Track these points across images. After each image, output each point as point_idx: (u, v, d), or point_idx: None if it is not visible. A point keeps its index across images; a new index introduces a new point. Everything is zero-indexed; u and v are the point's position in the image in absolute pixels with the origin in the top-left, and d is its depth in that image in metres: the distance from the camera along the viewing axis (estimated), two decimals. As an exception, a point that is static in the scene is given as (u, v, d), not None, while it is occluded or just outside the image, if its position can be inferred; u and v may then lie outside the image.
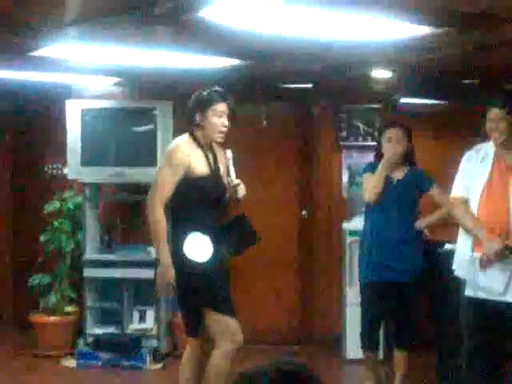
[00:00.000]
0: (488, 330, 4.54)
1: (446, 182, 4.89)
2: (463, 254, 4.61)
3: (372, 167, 5.50)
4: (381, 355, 6.28)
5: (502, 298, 4.44)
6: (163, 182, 4.57)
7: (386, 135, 5.42)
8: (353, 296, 6.48)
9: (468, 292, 4.57)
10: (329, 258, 7.35)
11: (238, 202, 4.79)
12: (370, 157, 5.97)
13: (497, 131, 4.53)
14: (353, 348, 6.45)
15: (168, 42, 4.59)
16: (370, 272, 5.39)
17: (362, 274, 5.51)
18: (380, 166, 5.35)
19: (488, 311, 4.50)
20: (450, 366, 5.78)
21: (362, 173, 5.61)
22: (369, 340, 5.50)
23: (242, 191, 4.73)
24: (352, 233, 6.31)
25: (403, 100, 7.33)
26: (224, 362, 4.58)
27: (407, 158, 5.46)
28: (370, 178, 5.41)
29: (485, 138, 4.67)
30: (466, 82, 6.35)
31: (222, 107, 4.65)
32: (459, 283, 4.67)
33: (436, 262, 5.90)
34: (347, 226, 6.80)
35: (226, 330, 4.60)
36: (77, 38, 4.32)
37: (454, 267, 4.72)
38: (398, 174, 5.44)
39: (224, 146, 4.84)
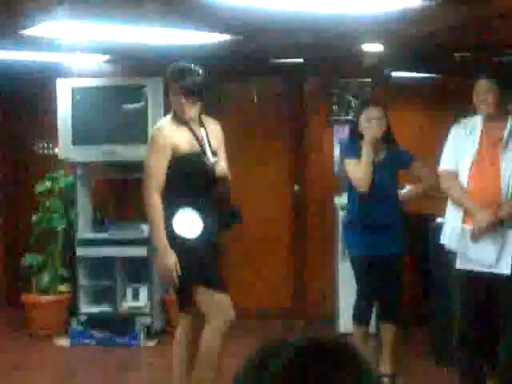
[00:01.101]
0: (480, 303, 4.55)
1: (435, 157, 4.88)
2: (453, 227, 4.61)
3: (352, 149, 5.42)
4: (372, 329, 6.29)
5: (494, 270, 4.46)
6: (153, 167, 4.53)
7: (366, 115, 5.30)
8: (345, 270, 6.48)
9: (459, 265, 4.58)
10: (322, 232, 7.35)
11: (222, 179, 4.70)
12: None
13: (484, 103, 4.51)
14: (345, 322, 6.46)
15: (156, 18, 4.57)
16: (362, 247, 5.38)
17: (353, 248, 5.51)
18: (364, 152, 5.26)
19: (480, 284, 4.51)
20: (443, 340, 5.81)
21: (344, 155, 5.53)
22: (362, 313, 5.50)
23: (219, 170, 4.65)
24: (344, 207, 6.29)
25: (394, 74, 7.29)
26: (216, 339, 4.57)
27: (385, 136, 5.36)
28: (355, 165, 5.30)
29: (474, 112, 4.65)
30: (457, 55, 6.34)
31: (175, 86, 4.57)
32: (451, 257, 4.69)
33: (427, 237, 5.92)
34: (339, 200, 6.78)
35: (216, 306, 4.59)
36: (66, 16, 4.29)
37: (443, 240, 4.73)
38: (380, 155, 5.38)
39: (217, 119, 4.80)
